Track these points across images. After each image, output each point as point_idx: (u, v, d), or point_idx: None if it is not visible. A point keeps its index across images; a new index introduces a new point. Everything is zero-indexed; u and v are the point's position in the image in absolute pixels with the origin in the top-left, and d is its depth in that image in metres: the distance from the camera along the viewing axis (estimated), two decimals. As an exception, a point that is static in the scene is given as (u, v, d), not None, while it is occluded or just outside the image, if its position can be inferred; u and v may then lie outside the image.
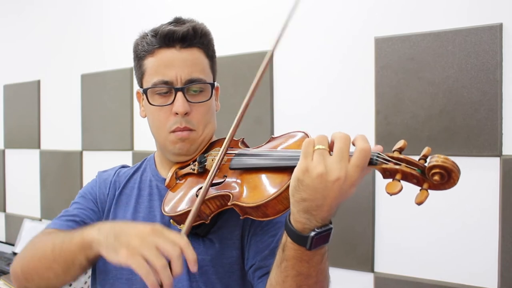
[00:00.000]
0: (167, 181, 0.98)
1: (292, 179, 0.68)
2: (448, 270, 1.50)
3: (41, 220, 2.68)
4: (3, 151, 2.96)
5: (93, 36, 2.49)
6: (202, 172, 0.94)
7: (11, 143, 2.92)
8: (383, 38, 1.60)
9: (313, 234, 0.67)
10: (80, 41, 2.54)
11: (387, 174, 0.66)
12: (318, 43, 1.75)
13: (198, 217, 0.86)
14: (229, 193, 0.81)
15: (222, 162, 0.90)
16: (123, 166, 1.14)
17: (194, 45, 0.95)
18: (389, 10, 1.61)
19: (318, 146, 0.66)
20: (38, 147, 2.73)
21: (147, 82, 0.96)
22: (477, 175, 1.45)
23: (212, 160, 0.93)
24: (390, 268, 1.61)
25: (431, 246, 1.53)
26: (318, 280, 0.74)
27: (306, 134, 0.84)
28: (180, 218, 0.88)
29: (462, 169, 0.63)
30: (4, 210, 2.95)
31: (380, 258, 1.63)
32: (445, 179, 0.62)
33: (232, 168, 0.86)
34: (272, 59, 0.84)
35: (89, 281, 2.05)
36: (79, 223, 0.98)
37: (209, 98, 0.97)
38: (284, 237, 0.72)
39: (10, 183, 2.95)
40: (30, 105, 2.76)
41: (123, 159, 2.28)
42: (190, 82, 0.94)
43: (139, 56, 0.98)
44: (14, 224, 2.80)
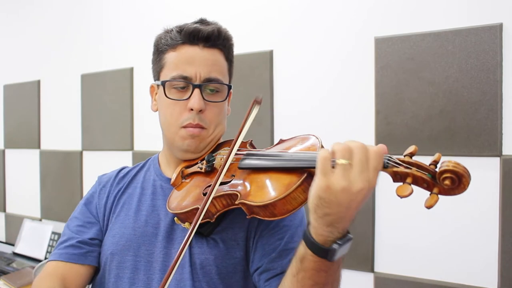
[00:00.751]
0: (173, 179, 0.98)
1: (312, 197, 0.67)
2: (448, 270, 1.50)
3: (41, 220, 2.68)
4: (3, 151, 2.96)
5: (93, 36, 2.49)
6: (210, 171, 0.94)
7: (11, 143, 2.92)
8: (383, 38, 1.60)
9: (336, 246, 0.68)
10: (80, 41, 2.54)
11: (398, 177, 0.67)
12: (318, 43, 1.76)
13: (204, 215, 0.87)
14: (236, 192, 0.81)
15: (231, 161, 0.90)
16: (124, 168, 1.14)
17: (216, 46, 0.97)
18: (389, 10, 1.61)
19: (341, 161, 0.64)
20: (38, 147, 2.73)
21: (166, 75, 0.97)
22: (477, 175, 1.45)
23: (221, 159, 0.94)
24: (390, 268, 1.61)
25: (431, 246, 1.53)
26: (333, 287, 0.75)
27: (317, 138, 0.84)
28: (185, 216, 0.88)
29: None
30: (4, 210, 2.95)
31: (380, 258, 1.63)
32: (455, 184, 0.63)
33: (241, 167, 0.87)
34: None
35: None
36: (76, 247, 1.00)
37: (224, 99, 0.99)
38: (302, 249, 0.72)
39: (10, 183, 2.95)
40: (30, 105, 2.76)
41: (123, 159, 2.28)
42: (209, 80, 0.95)
43: (160, 49, 0.99)
44: (14, 224, 2.80)
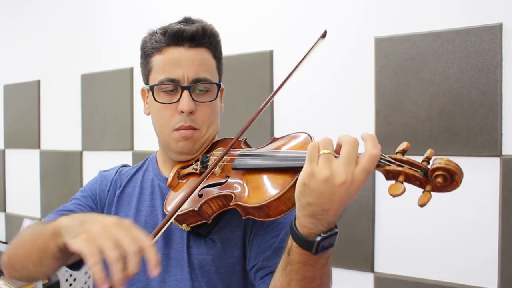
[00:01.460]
0: (169, 180, 0.98)
1: (297, 184, 0.67)
2: (448, 270, 1.50)
3: (41, 220, 2.68)
4: (3, 151, 2.96)
5: (93, 36, 2.49)
6: (205, 172, 0.94)
7: (11, 143, 2.92)
8: (383, 38, 1.60)
9: (319, 239, 0.67)
10: (80, 41, 2.54)
11: (390, 175, 0.66)
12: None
13: (200, 216, 0.86)
14: (231, 193, 0.81)
15: (225, 162, 0.90)
16: (124, 166, 1.14)
17: (202, 45, 0.96)
18: (389, 10, 1.61)
19: (324, 151, 0.65)
20: (38, 147, 2.73)
21: (154, 79, 0.96)
22: (477, 175, 1.45)
23: (214, 160, 0.94)
24: (390, 268, 1.61)
25: (431, 246, 1.53)
26: (322, 283, 0.74)
27: (309, 135, 0.84)
28: (182, 218, 0.88)
29: (462, 169, 0.63)
30: (4, 210, 2.95)
31: (380, 258, 1.63)
32: (448, 182, 0.62)
33: (234, 168, 0.86)
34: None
35: (89, 281, 2.05)
36: None
37: (214, 98, 0.98)
38: (289, 241, 0.72)
39: (10, 183, 2.95)
40: (30, 105, 2.76)
41: (123, 159, 2.28)
42: (197, 81, 0.94)
43: (147, 53, 0.98)
44: (14, 224, 2.80)
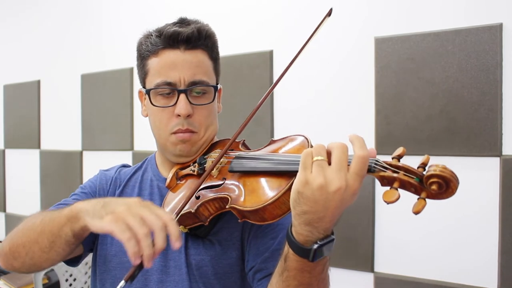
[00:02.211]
0: (168, 181, 0.98)
1: (292, 192, 0.67)
2: (448, 270, 1.50)
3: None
4: (3, 151, 2.96)
5: (93, 36, 2.49)
6: (202, 173, 0.94)
7: (11, 143, 2.92)
8: (383, 38, 1.60)
9: (315, 246, 0.66)
10: (80, 41, 2.54)
11: (385, 182, 0.65)
12: (317, 43, 1.75)
13: (197, 218, 0.86)
14: (227, 195, 0.81)
15: (222, 164, 0.89)
16: (124, 165, 1.14)
17: (198, 47, 0.95)
18: (389, 10, 1.61)
19: (317, 158, 0.65)
20: (38, 147, 2.73)
21: (150, 82, 0.96)
22: (477, 175, 1.45)
23: (211, 162, 0.93)
24: (390, 268, 1.61)
25: (431, 246, 1.53)
26: None
27: (306, 138, 0.83)
28: (179, 220, 0.87)
29: (462, 169, 0.63)
30: (4, 210, 2.95)
31: (380, 258, 1.63)
32: (443, 189, 0.61)
33: (231, 170, 0.86)
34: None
35: (89, 281, 2.05)
36: None
37: (211, 101, 0.97)
38: (286, 248, 0.71)
39: (10, 183, 2.95)
40: (30, 105, 2.76)
41: (123, 159, 2.28)
42: (193, 84, 0.93)
43: (143, 55, 0.98)
44: (14, 224, 2.77)
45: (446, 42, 1.49)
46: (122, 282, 0.67)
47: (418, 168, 0.64)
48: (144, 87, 1.00)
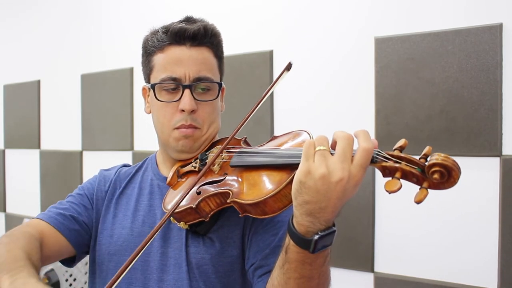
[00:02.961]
0: (169, 179, 0.98)
1: (294, 182, 0.67)
2: (448, 270, 1.50)
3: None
4: (3, 151, 2.96)
5: (93, 36, 2.49)
6: None
7: (11, 143, 2.92)
8: (383, 38, 1.60)
9: (316, 237, 0.66)
10: (80, 41, 2.54)
11: (387, 172, 0.65)
12: (318, 43, 1.76)
13: (198, 214, 0.86)
14: (229, 190, 0.81)
15: (224, 160, 0.90)
16: (125, 165, 1.14)
17: (204, 44, 0.96)
18: (389, 10, 1.61)
19: (319, 147, 0.65)
20: (38, 147, 2.73)
21: (155, 78, 0.97)
22: (477, 175, 1.45)
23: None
24: (390, 268, 1.61)
25: (431, 246, 1.53)
26: (320, 282, 0.73)
27: (308, 133, 0.84)
28: (179, 215, 0.88)
29: (462, 169, 0.63)
30: (4, 210, 2.95)
31: (380, 258, 1.63)
32: (445, 178, 0.61)
33: (232, 165, 0.86)
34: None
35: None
36: (68, 218, 0.98)
37: (215, 98, 0.98)
38: (286, 239, 0.71)
39: (10, 183, 2.95)
40: (30, 105, 2.76)
41: (123, 159, 2.28)
42: (198, 80, 0.94)
43: (148, 51, 0.99)
44: (14, 224, 2.79)
45: (446, 42, 1.49)
46: None
47: (420, 159, 0.64)
48: (148, 83, 1.00)
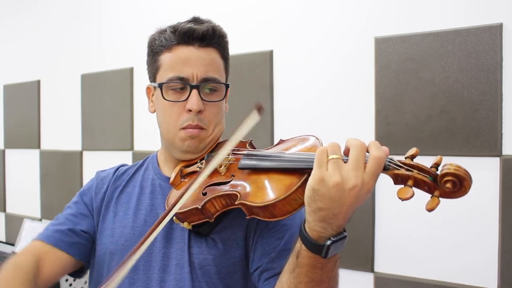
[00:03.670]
0: (172, 179, 0.98)
1: (307, 189, 0.68)
2: (448, 270, 1.50)
3: (41, 220, 2.68)
4: (3, 151, 2.96)
5: (93, 36, 2.49)
6: None
7: (11, 143, 2.92)
8: (383, 38, 1.60)
9: (329, 242, 0.68)
10: (80, 41, 2.54)
11: (399, 180, 0.67)
12: (318, 43, 1.75)
13: (203, 215, 0.86)
14: (236, 192, 0.81)
15: (231, 162, 0.90)
16: (123, 165, 1.13)
17: (211, 45, 0.97)
18: (389, 10, 1.61)
19: (332, 156, 0.66)
20: (38, 147, 2.73)
21: (162, 77, 0.96)
22: (477, 175, 1.44)
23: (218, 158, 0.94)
24: (390, 268, 1.61)
25: (431, 246, 1.53)
26: (329, 286, 0.74)
27: (317, 139, 0.84)
28: (184, 215, 0.88)
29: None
30: (4, 210, 2.95)
31: (380, 258, 1.63)
32: (457, 187, 0.63)
33: (241, 167, 0.86)
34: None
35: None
36: (65, 233, 0.99)
37: (222, 98, 0.98)
38: (298, 244, 0.72)
39: (10, 183, 2.95)
40: (30, 105, 2.76)
41: (123, 159, 2.28)
42: (206, 80, 0.94)
43: (155, 50, 0.98)
44: (14, 224, 2.80)
45: (446, 42, 1.49)
46: None
47: (431, 167, 0.65)
48: (154, 82, 1.00)
